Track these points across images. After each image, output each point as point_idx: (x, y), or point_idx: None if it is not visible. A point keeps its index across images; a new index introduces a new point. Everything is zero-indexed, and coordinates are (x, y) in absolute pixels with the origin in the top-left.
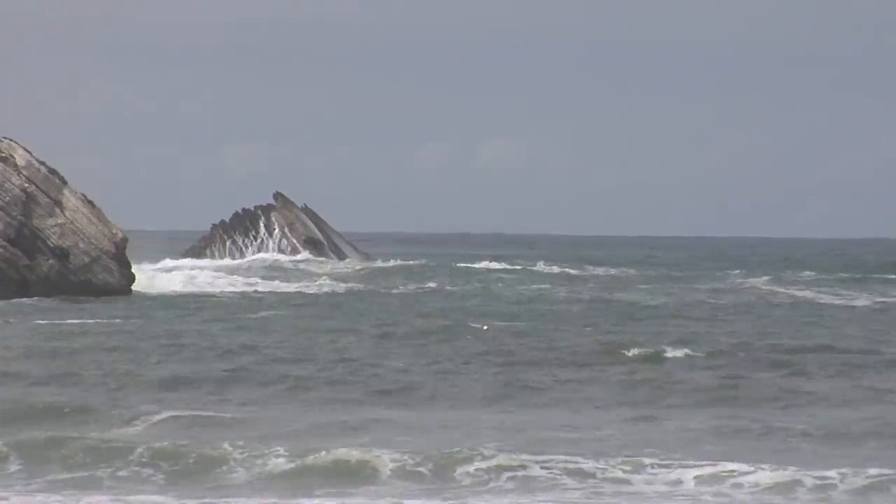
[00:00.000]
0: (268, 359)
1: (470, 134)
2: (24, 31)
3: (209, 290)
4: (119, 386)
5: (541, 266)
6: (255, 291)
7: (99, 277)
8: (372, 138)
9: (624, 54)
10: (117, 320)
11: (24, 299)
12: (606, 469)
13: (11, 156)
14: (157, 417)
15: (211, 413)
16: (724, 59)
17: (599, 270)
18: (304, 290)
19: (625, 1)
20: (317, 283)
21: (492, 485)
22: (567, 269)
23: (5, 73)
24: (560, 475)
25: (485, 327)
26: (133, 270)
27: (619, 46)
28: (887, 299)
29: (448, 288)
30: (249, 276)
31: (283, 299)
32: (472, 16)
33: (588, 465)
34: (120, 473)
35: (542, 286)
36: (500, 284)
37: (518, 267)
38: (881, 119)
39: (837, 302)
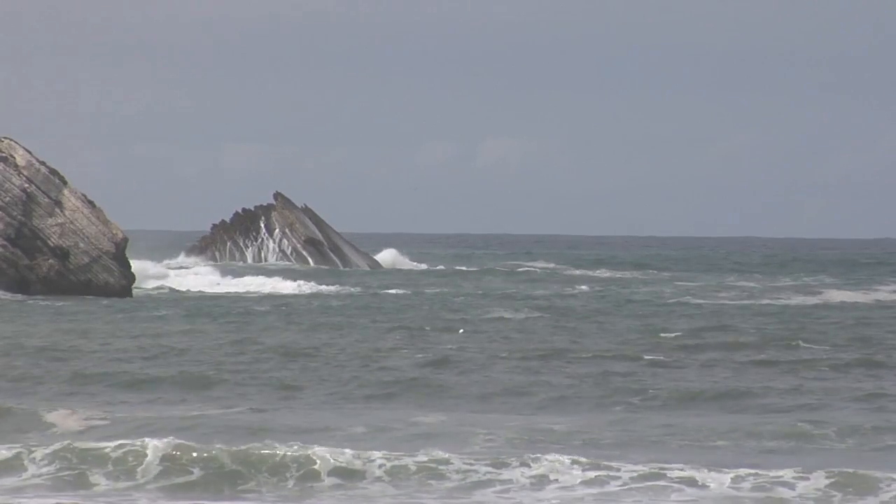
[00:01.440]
0: (267, 354)
1: (470, 134)
2: (24, 31)
3: (206, 290)
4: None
5: (542, 266)
6: (255, 291)
7: (99, 277)
8: (372, 138)
9: (624, 54)
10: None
11: (19, 296)
12: (603, 468)
13: (11, 156)
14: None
15: (197, 412)
16: (725, 59)
17: (599, 270)
18: (304, 290)
19: (626, 1)
20: (318, 285)
21: (479, 484)
22: (571, 271)
23: (5, 73)
24: (556, 474)
25: (461, 331)
26: (133, 270)
27: (619, 46)
28: (881, 297)
29: (446, 290)
30: (246, 277)
31: (282, 299)
32: (473, 16)
33: (589, 465)
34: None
35: (542, 287)
36: (510, 286)
37: (523, 269)
38: (882, 120)
39: (831, 301)
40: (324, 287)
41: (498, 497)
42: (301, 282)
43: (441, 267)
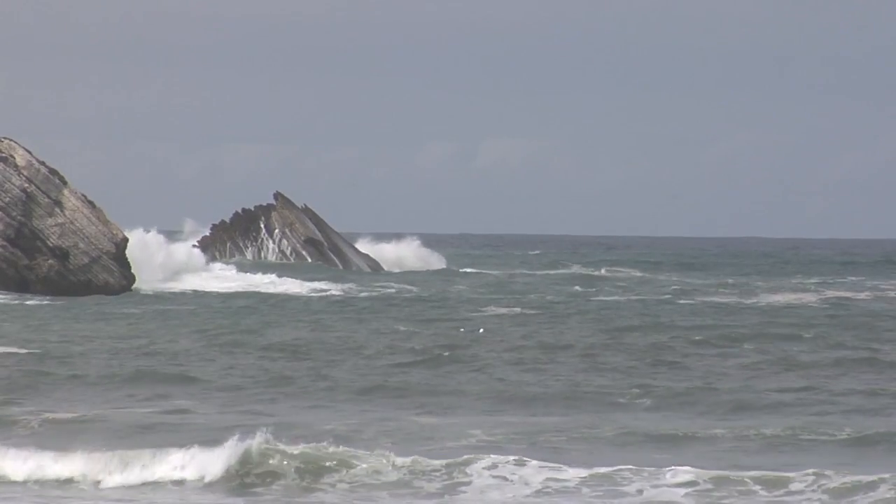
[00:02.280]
0: (264, 352)
1: (471, 133)
2: (24, 31)
3: (205, 289)
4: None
5: (542, 265)
6: (254, 290)
7: (99, 277)
8: (372, 138)
9: (625, 54)
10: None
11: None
12: (600, 462)
13: (11, 156)
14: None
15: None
16: (725, 59)
17: (599, 269)
18: (303, 290)
19: (626, 1)
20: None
21: (476, 478)
22: (571, 270)
23: (5, 73)
24: (553, 467)
25: (461, 329)
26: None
27: (620, 46)
28: (881, 296)
29: (446, 289)
30: (246, 275)
31: (281, 298)
32: (473, 15)
33: (585, 458)
34: None
35: (542, 286)
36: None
37: (524, 269)
38: (882, 120)
39: (831, 299)
40: (323, 286)
41: (497, 488)
42: (300, 281)
43: (441, 267)
